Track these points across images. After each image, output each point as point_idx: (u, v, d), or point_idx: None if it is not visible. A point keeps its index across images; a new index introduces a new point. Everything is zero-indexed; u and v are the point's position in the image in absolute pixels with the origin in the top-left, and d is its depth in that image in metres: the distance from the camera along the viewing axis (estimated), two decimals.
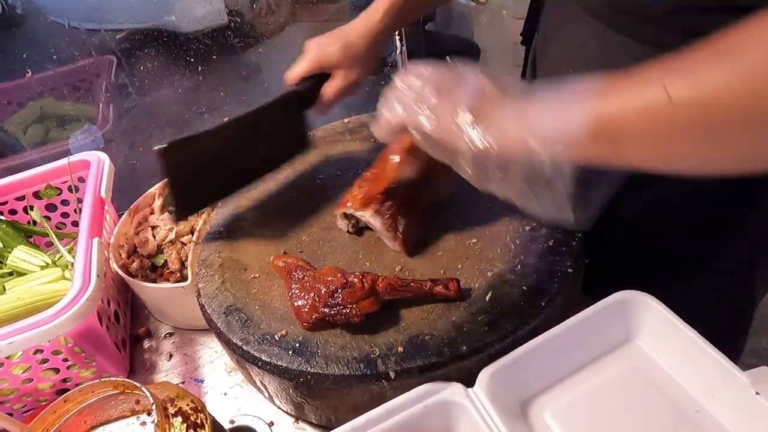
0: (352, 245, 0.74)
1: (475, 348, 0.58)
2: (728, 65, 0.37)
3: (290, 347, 0.62)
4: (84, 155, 0.96)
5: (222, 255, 0.76)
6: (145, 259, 0.90)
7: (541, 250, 0.68)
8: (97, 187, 0.87)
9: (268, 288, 0.70)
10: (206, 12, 2.87)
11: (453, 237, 0.72)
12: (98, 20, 1.84)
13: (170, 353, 0.84)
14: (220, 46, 1.71)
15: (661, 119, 0.39)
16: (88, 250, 0.74)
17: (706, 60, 0.38)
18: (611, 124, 0.41)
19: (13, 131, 1.16)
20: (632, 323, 0.61)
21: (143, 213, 0.97)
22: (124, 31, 1.54)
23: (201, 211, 0.84)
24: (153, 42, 1.46)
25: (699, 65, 0.39)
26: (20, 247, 0.85)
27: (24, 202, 0.95)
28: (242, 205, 0.84)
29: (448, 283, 0.62)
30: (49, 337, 0.65)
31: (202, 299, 0.71)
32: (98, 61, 1.26)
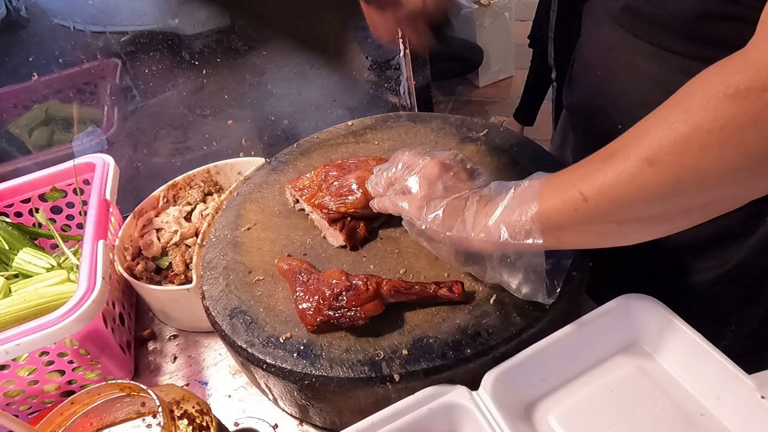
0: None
1: (480, 351, 0.58)
2: (611, 170, 0.44)
3: (295, 350, 0.62)
4: (89, 158, 0.97)
5: (226, 257, 0.77)
6: (150, 262, 0.90)
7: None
8: (102, 190, 0.87)
9: (273, 291, 0.71)
10: (209, 14, 2.89)
11: None
12: (103, 23, 1.84)
13: (174, 355, 0.84)
14: (223, 49, 1.71)
15: (583, 214, 0.47)
16: (93, 253, 0.74)
17: (602, 162, 0.45)
18: (551, 220, 0.49)
19: (18, 134, 1.17)
20: (637, 326, 0.60)
21: (148, 215, 0.97)
22: (128, 34, 1.54)
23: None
24: (157, 45, 1.46)
25: (598, 168, 0.45)
26: (26, 249, 0.85)
27: (29, 205, 0.96)
28: (247, 207, 0.85)
29: (452, 286, 0.62)
30: (55, 339, 0.65)
31: (207, 301, 0.71)
32: (103, 63, 1.27)
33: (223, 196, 0.94)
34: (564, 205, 0.48)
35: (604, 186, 0.44)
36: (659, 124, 0.41)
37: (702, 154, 0.38)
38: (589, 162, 0.47)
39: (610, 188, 0.44)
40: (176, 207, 0.98)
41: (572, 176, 0.48)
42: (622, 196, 0.43)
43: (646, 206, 0.43)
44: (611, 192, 0.44)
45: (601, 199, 0.45)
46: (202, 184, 1.02)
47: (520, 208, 0.51)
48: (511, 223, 0.51)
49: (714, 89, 0.38)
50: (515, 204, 0.52)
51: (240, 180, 0.93)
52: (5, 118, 1.17)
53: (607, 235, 0.48)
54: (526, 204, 0.51)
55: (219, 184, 1.05)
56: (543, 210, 0.49)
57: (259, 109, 1.60)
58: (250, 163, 1.03)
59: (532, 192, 0.51)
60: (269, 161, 0.94)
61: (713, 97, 0.37)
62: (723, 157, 0.38)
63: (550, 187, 0.50)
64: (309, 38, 0.81)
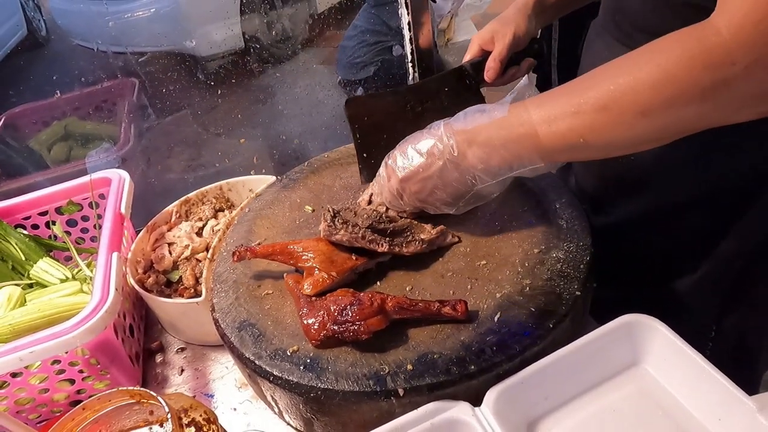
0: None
1: (483, 368, 0.59)
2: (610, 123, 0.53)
3: (301, 363, 0.63)
4: (105, 173, 1.00)
5: (237, 271, 0.78)
6: (161, 275, 0.92)
7: (549, 272, 0.69)
8: (117, 204, 0.90)
9: (281, 304, 0.72)
10: (225, 37, 2.98)
11: (462, 258, 0.74)
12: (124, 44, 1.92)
13: (182, 368, 0.85)
14: (237, 70, 1.76)
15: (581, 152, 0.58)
16: (107, 264, 0.76)
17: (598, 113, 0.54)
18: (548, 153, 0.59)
19: (38, 149, 1.20)
20: (639, 346, 0.61)
21: (160, 230, 0.99)
22: (147, 55, 1.60)
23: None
24: (174, 65, 1.52)
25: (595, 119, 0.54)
26: (45, 259, 0.87)
27: (46, 217, 0.99)
28: (257, 223, 0.87)
29: (456, 305, 0.63)
30: (67, 348, 0.67)
31: (217, 314, 0.73)
32: (122, 83, 1.31)
33: (234, 212, 0.96)
34: (565, 146, 0.57)
35: (603, 138, 0.54)
36: (651, 87, 0.50)
37: (685, 109, 0.50)
38: (584, 110, 0.54)
39: (610, 139, 0.54)
40: (188, 222, 1.01)
41: (570, 123, 0.55)
42: (619, 140, 0.54)
43: (632, 146, 0.56)
44: (613, 139, 0.54)
45: (599, 142, 0.55)
46: (214, 201, 1.04)
47: (516, 146, 0.59)
48: (510, 160, 0.60)
49: (694, 61, 0.47)
50: (509, 142, 0.60)
51: (251, 197, 0.95)
52: (26, 133, 1.21)
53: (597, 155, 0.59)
54: (522, 143, 0.59)
55: (231, 201, 1.07)
56: (543, 147, 0.58)
57: (271, 129, 1.63)
58: (261, 181, 1.05)
59: (524, 130, 0.58)
60: (280, 179, 0.97)
61: (695, 68, 0.47)
62: (701, 107, 0.49)
63: (546, 131, 0.57)
64: None
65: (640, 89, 0.50)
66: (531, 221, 0.76)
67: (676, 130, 0.53)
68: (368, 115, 0.82)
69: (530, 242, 0.73)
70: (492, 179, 0.64)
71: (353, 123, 0.81)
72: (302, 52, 3.37)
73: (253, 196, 0.95)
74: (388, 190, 0.72)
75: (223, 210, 1.05)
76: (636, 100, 0.51)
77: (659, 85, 0.49)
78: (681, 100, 0.49)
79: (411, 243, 0.74)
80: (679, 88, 0.48)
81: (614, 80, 0.52)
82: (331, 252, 0.73)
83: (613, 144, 0.55)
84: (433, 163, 0.65)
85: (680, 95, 0.49)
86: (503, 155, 0.61)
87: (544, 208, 0.78)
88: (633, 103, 0.51)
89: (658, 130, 0.52)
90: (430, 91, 0.83)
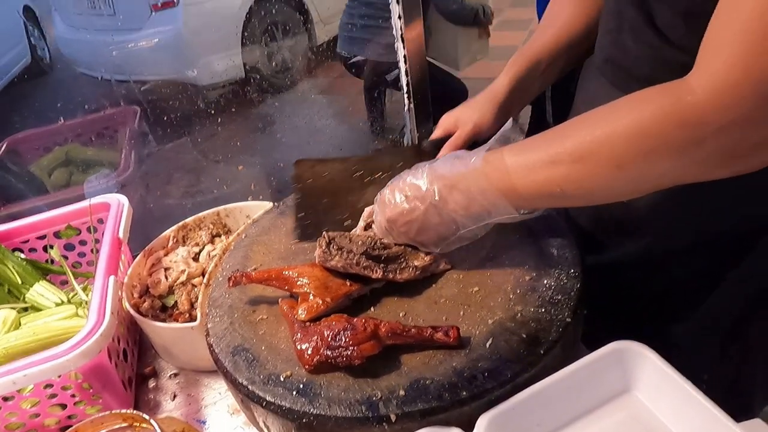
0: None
1: (475, 394, 0.59)
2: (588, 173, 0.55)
3: (294, 388, 0.63)
4: (104, 197, 1.01)
5: (232, 296, 0.79)
6: (156, 300, 0.93)
7: (540, 299, 0.70)
8: (116, 228, 0.91)
9: (275, 330, 0.72)
10: (226, 67, 3.05)
11: (455, 285, 0.75)
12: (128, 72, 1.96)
13: (174, 393, 0.85)
14: (237, 99, 1.81)
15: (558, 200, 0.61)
16: (104, 288, 0.77)
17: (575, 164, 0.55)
18: (526, 201, 0.62)
19: (40, 174, 1.22)
20: (629, 373, 0.62)
21: (157, 255, 1.00)
22: (149, 83, 1.63)
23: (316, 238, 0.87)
24: (175, 94, 1.55)
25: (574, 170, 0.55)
26: (41, 283, 0.88)
27: (44, 241, 1.00)
28: (254, 249, 0.88)
29: (448, 331, 0.64)
30: (61, 371, 0.67)
31: (211, 338, 0.73)
32: (124, 110, 1.34)
33: (231, 237, 0.97)
34: (542, 195, 0.59)
35: (580, 188, 0.56)
36: (626, 140, 0.51)
37: (660, 164, 0.51)
38: (561, 160, 0.55)
39: (587, 189, 0.56)
40: (185, 247, 1.01)
41: (547, 174, 0.57)
42: (596, 191, 0.56)
43: (610, 197, 0.58)
44: (589, 190, 0.56)
45: (576, 192, 0.57)
46: (211, 226, 1.06)
47: (493, 195, 0.61)
48: (489, 208, 0.62)
49: (669, 118, 0.49)
50: (486, 191, 0.61)
51: (248, 223, 0.97)
52: (28, 159, 1.23)
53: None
54: (499, 192, 0.61)
55: (228, 227, 1.08)
56: (520, 196, 0.60)
57: (269, 156, 1.66)
58: (258, 207, 1.07)
59: (501, 179, 0.60)
60: (277, 205, 0.98)
61: (669, 124, 0.49)
62: (675, 163, 0.51)
63: (522, 181, 0.59)
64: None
65: (616, 142, 0.52)
66: (523, 249, 0.78)
67: (653, 184, 0.54)
68: (313, 177, 0.83)
69: (522, 270, 0.74)
70: (473, 224, 0.65)
71: (297, 182, 0.83)
72: (301, 82, 3.44)
73: (250, 222, 0.96)
74: (379, 224, 0.73)
75: (220, 235, 1.07)
76: (612, 152, 0.52)
77: (634, 139, 0.51)
78: (655, 155, 0.50)
79: (405, 269, 0.75)
80: (653, 144, 0.50)
81: (591, 131, 0.54)
82: (325, 278, 0.74)
83: (590, 195, 0.57)
84: (417, 208, 0.66)
85: (655, 150, 0.50)
86: (482, 203, 0.63)
87: (536, 236, 0.79)
88: (609, 156, 0.52)
89: (634, 182, 0.54)
90: (382, 164, 0.84)
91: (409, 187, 0.67)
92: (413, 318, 0.70)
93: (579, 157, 0.54)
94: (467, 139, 0.81)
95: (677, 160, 0.50)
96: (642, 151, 0.51)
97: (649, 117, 0.50)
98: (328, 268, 0.73)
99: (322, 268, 0.74)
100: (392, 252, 0.75)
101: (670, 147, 0.49)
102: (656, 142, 0.50)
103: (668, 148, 0.50)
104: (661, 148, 0.50)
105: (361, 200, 0.84)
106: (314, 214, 0.83)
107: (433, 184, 0.64)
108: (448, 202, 0.64)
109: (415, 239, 0.71)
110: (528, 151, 0.59)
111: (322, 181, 0.83)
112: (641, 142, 0.50)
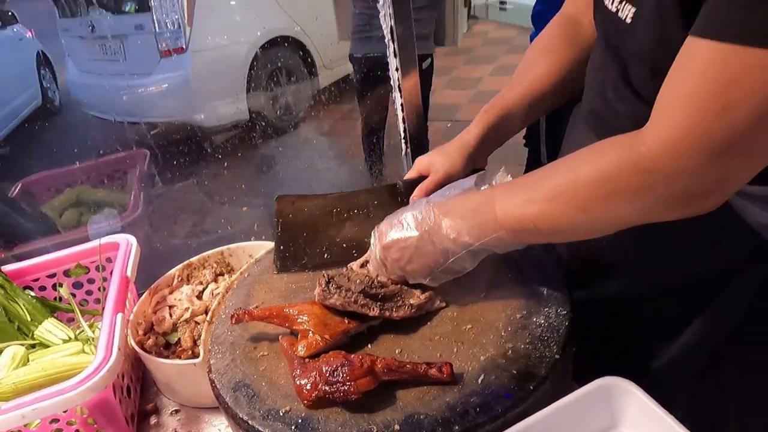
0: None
1: (467, 428, 0.61)
2: (559, 212, 0.61)
3: (293, 423, 0.65)
4: (114, 237, 1.05)
5: (234, 333, 0.82)
6: (160, 337, 0.95)
7: (530, 337, 0.72)
8: (124, 267, 0.94)
9: (276, 366, 0.75)
10: (232, 112, 3.15)
11: (450, 322, 0.77)
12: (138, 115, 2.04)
13: (175, 429, 0.87)
14: (240, 141, 1.87)
15: (535, 236, 0.67)
16: (112, 325, 0.80)
17: (547, 203, 0.62)
18: (508, 231, 0.66)
19: (51, 215, 1.27)
20: (616, 409, 0.64)
21: (162, 293, 1.03)
22: (158, 127, 1.71)
23: (297, 269, 0.92)
24: (183, 137, 1.62)
25: (547, 209, 0.61)
26: (49, 320, 0.91)
27: (54, 279, 1.03)
28: (256, 288, 0.91)
29: (442, 367, 0.67)
30: (69, 405, 0.69)
31: (213, 375, 0.76)
32: (134, 154, 1.40)
33: (234, 276, 1.00)
34: (520, 228, 0.65)
35: (551, 226, 0.62)
36: (588, 184, 0.58)
37: (619, 206, 0.57)
38: (536, 199, 0.62)
39: (558, 227, 0.62)
40: (189, 286, 1.05)
41: (523, 210, 0.63)
42: (565, 229, 0.63)
43: (578, 235, 0.64)
44: (558, 227, 0.62)
45: (548, 229, 0.63)
46: (215, 265, 1.09)
47: (481, 222, 0.66)
48: (478, 234, 0.67)
49: (625, 165, 0.55)
50: (476, 219, 0.67)
51: (251, 262, 1.00)
52: (42, 199, 1.28)
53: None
54: (487, 220, 0.66)
55: (231, 266, 1.12)
56: (503, 226, 0.65)
57: (272, 197, 1.70)
58: (260, 247, 1.10)
59: (489, 210, 0.66)
60: None
61: (625, 171, 0.55)
62: (632, 205, 0.57)
63: (504, 215, 0.65)
64: None
65: (580, 185, 0.58)
66: (514, 288, 0.81)
67: (614, 224, 0.60)
68: (294, 213, 0.88)
69: (513, 308, 0.77)
70: (461, 250, 0.69)
71: (278, 217, 0.87)
72: (303, 125, 3.55)
73: (253, 261, 1.00)
74: (374, 258, 0.77)
75: (223, 274, 1.10)
76: (576, 195, 0.58)
77: (595, 184, 0.57)
78: (614, 198, 0.56)
79: (401, 307, 0.78)
80: (612, 188, 0.56)
81: (562, 175, 0.60)
82: (324, 315, 0.77)
83: (561, 232, 0.63)
84: (413, 234, 0.71)
85: (613, 194, 0.56)
86: (470, 229, 0.67)
87: (527, 275, 0.83)
88: (574, 198, 0.59)
89: (597, 222, 0.60)
90: (359, 202, 0.90)
91: (406, 218, 0.72)
92: (408, 354, 0.73)
93: (551, 198, 0.61)
94: (439, 184, 0.87)
95: (633, 203, 0.56)
96: (602, 194, 0.57)
97: (608, 164, 0.56)
98: (327, 306, 0.77)
99: (321, 306, 0.77)
100: (389, 291, 0.79)
101: (625, 191, 0.56)
102: (614, 187, 0.56)
103: (624, 193, 0.56)
104: (619, 192, 0.56)
105: (339, 235, 0.89)
106: (294, 247, 0.88)
107: (431, 210, 0.70)
108: (442, 226, 0.69)
109: (406, 268, 0.74)
110: (512, 189, 0.65)
111: (302, 216, 0.88)
112: (601, 186, 0.57)
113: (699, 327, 0.74)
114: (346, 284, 0.78)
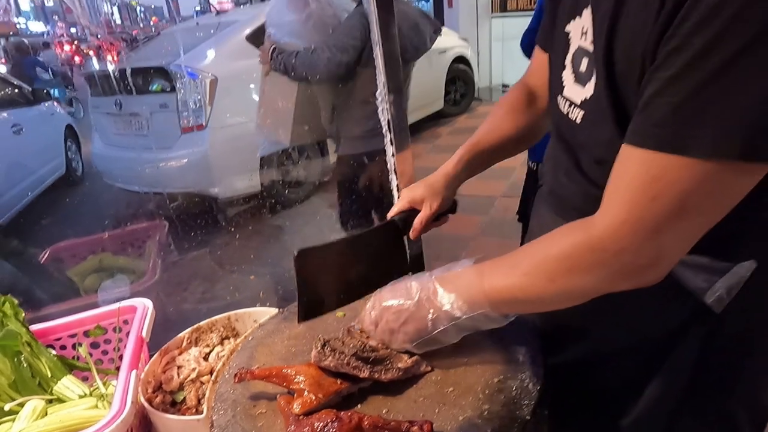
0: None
1: None
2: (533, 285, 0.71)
3: None
4: (132, 301, 1.15)
5: (236, 392, 0.89)
6: (168, 395, 1.03)
7: (505, 399, 0.79)
8: (140, 329, 1.03)
9: (273, 422, 0.82)
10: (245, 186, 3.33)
11: (434, 385, 0.85)
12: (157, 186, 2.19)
13: None
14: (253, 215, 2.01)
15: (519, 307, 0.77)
16: (127, 380, 0.88)
17: (526, 277, 0.72)
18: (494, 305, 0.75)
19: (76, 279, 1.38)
20: None
21: (172, 354, 1.12)
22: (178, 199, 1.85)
23: (319, 316, 0.99)
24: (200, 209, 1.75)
25: (529, 282, 0.71)
26: (68, 377, 0.99)
27: (74, 339, 1.12)
28: (258, 350, 0.99)
29: (423, 425, 0.73)
30: None
31: (215, 430, 0.82)
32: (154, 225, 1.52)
33: (239, 339, 1.09)
34: (503, 299, 0.74)
35: (527, 296, 0.72)
36: (554, 260, 0.69)
37: (579, 279, 0.68)
38: (514, 273, 0.72)
39: (531, 298, 0.72)
40: (197, 348, 1.13)
41: (504, 282, 0.73)
42: (537, 299, 0.72)
43: (551, 305, 0.73)
44: (532, 297, 0.72)
45: (525, 299, 0.73)
46: (222, 329, 1.18)
47: (472, 293, 0.75)
48: (470, 304, 0.75)
49: (580, 245, 0.66)
50: (469, 290, 0.76)
51: (255, 326, 1.09)
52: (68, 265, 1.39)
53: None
54: (476, 292, 0.75)
55: (236, 330, 1.20)
56: (489, 298, 0.74)
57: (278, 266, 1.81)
58: (265, 313, 1.19)
59: (478, 283, 0.75)
60: (281, 311, 1.11)
61: (581, 250, 0.66)
62: (590, 278, 0.67)
63: (489, 287, 0.74)
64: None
65: (549, 261, 0.69)
66: (494, 354, 0.89)
67: (579, 294, 0.70)
68: (313, 263, 0.95)
69: (491, 372, 0.85)
70: (448, 323, 0.78)
71: (300, 274, 0.93)
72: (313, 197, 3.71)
73: (257, 325, 1.08)
74: (368, 318, 0.86)
75: (229, 338, 1.18)
76: (547, 269, 0.69)
77: (560, 261, 0.68)
78: (575, 272, 0.67)
79: (389, 370, 0.85)
80: (572, 264, 0.67)
81: (534, 253, 0.72)
82: (319, 376, 0.84)
83: (535, 302, 0.73)
84: (412, 298, 0.80)
85: (573, 269, 0.67)
86: (465, 299, 0.77)
87: (506, 342, 0.91)
88: (544, 272, 0.69)
89: (564, 293, 0.70)
90: (365, 242, 1.01)
91: (412, 284, 0.82)
92: (394, 414, 0.80)
93: (526, 272, 0.71)
94: (433, 215, 1.01)
95: (589, 276, 0.67)
96: (564, 268, 0.68)
97: (569, 245, 0.68)
98: (322, 367, 0.85)
99: (316, 368, 0.85)
100: (379, 355, 0.87)
101: (582, 267, 0.66)
102: (573, 263, 0.67)
103: (582, 268, 0.67)
104: (577, 267, 0.67)
105: (351, 275, 0.98)
106: (314, 294, 0.96)
107: (432, 281, 0.80)
108: (438, 294, 0.78)
109: (399, 330, 0.82)
110: (497, 265, 0.76)
111: (318, 265, 0.96)
112: (563, 262, 0.68)
113: (658, 383, 0.81)
114: (340, 347, 0.86)
